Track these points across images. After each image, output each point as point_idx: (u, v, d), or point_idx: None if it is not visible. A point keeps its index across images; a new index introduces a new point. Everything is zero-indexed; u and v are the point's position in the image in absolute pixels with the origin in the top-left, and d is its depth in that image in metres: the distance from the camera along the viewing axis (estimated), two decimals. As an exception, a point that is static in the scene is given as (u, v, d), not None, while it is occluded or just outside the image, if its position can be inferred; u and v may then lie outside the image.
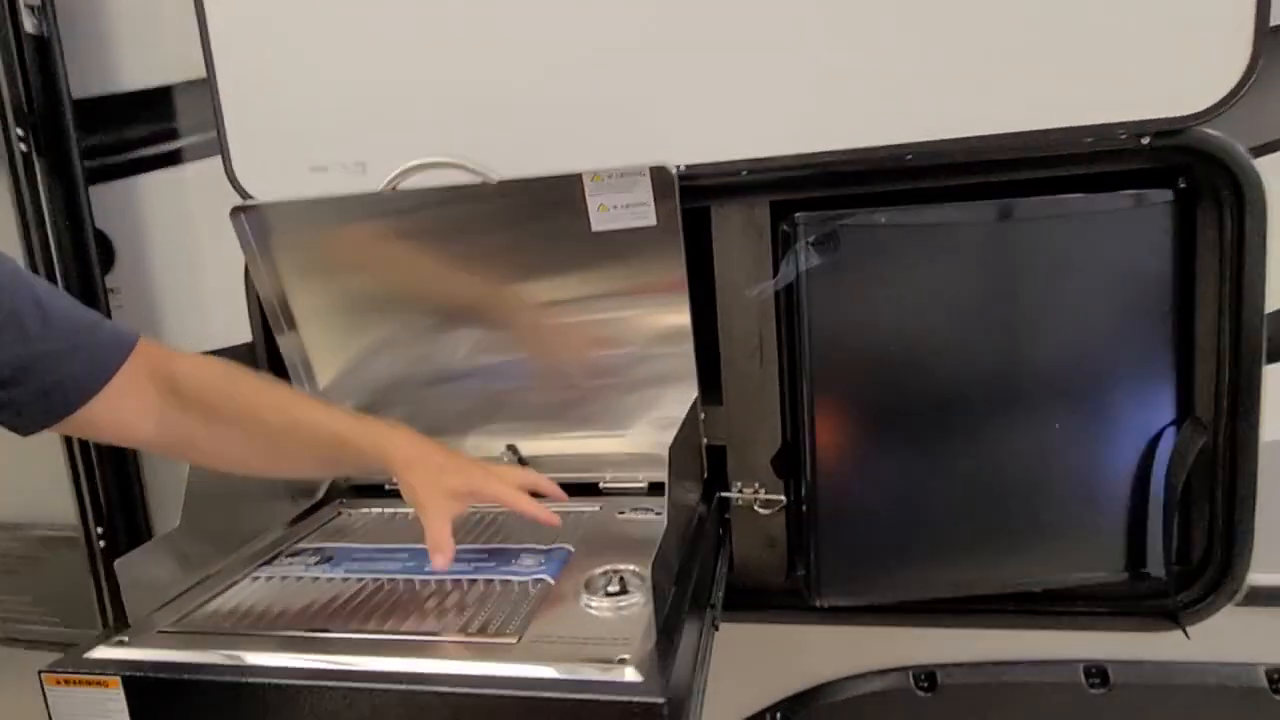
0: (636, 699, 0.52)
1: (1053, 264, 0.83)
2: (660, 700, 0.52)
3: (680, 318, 0.85)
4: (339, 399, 0.99)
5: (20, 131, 0.90)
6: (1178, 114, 0.74)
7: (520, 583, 0.70)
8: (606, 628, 0.61)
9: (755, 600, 0.97)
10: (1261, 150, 0.77)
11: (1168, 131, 0.75)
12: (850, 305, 0.86)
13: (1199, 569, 0.86)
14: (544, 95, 0.85)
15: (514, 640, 0.60)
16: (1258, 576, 0.83)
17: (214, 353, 1.03)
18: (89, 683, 0.61)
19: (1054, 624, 0.89)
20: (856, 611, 0.93)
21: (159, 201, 1.04)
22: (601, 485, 0.95)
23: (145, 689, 0.60)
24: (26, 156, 0.90)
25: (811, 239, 0.83)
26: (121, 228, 1.04)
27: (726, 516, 0.97)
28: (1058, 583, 0.88)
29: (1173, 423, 0.84)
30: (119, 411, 0.62)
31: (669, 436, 0.96)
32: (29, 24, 0.91)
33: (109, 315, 1.01)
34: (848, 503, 0.88)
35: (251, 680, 0.58)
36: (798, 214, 0.85)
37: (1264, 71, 0.73)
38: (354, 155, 0.90)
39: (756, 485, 0.96)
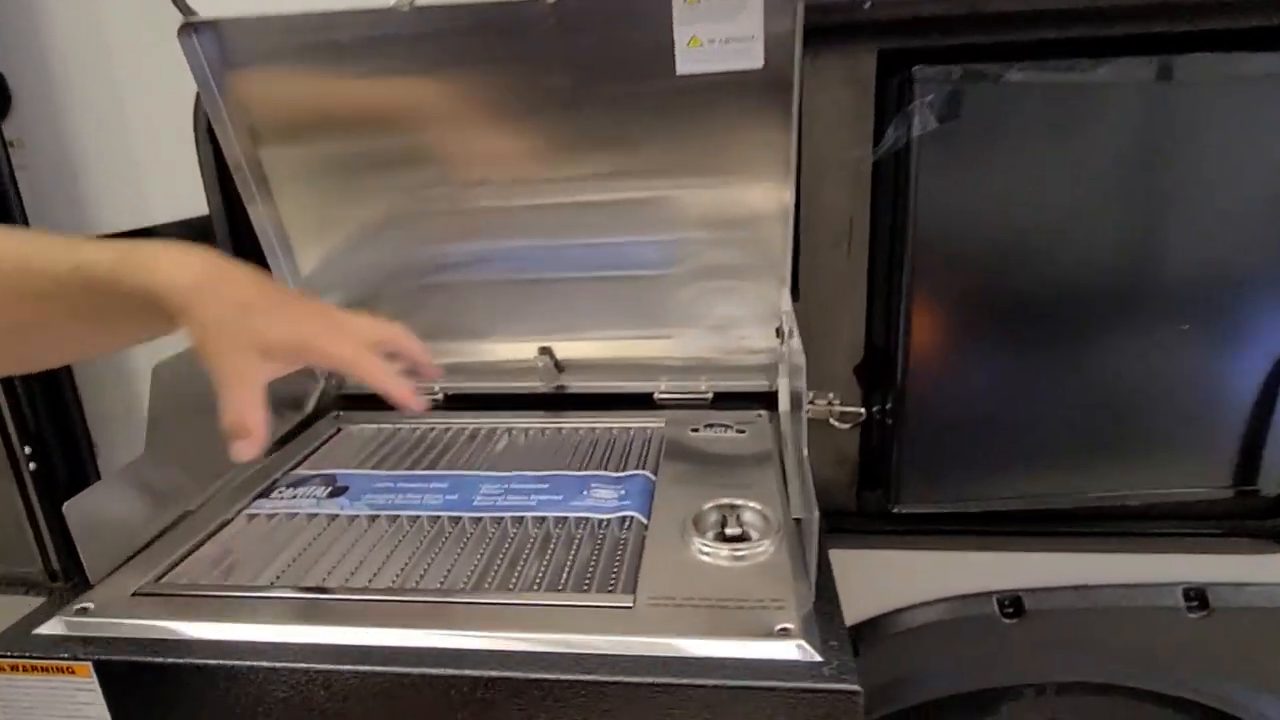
0: (831, 686, 0.39)
1: (1218, 142, 0.69)
2: (856, 689, 0.39)
3: (777, 195, 0.69)
4: (328, 288, 0.80)
5: None
6: None
7: (604, 521, 0.56)
8: (739, 583, 0.48)
9: (830, 522, 0.86)
10: None
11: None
12: (967, 183, 0.71)
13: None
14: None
15: (629, 603, 0.46)
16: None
17: (162, 228, 0.81)
18: (49, 669, 0.45)
19: (1149, 545, 0.81)
20: (933, 534, 0.83)
21: (70, 25, 0.79)
22: (656, 396, 0.80)
23: (126, 676, 0.44)
24: None
25: (929, 98, 0.67)
26: (20, 62, 0.79)
27: (790, 430, 0.85)
28: (1158, 498, 0.80)
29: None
30: None
31: (731, 340, 0.83)
32: None
33: (12, 175, 0.77)
34: (938, 407, 0.77)
35: (266, 665, 0.43)
36: (916, 67, 0.68)
37: None
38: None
39: (831, 396, 0.83)
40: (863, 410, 0.82)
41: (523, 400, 0.82)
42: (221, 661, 0.43)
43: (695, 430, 0.72)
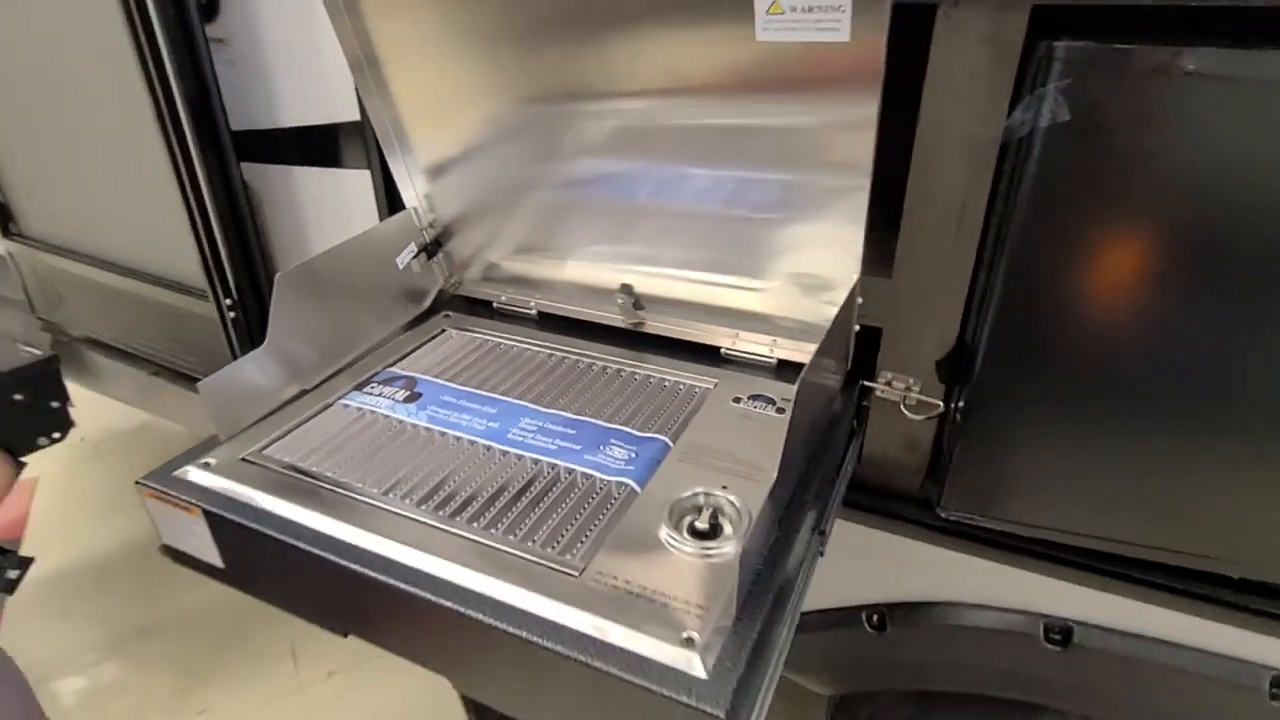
0: (694, 704, 0.43)
1: None
2: (720, 715, 0.43)
3: (860, 155, 0.63)
4: (446, 197, 0.88)
5: None
6: None
7: (603, 483, 0.62)
8: (685, 580, 0.52)
9: (878, 502, 0.85)
10: None
11: None
12: (1095, 188, 0.59)
13: None
14: None
15: (576, 573, 0.52)
16: None
17: (322, 129, 0.92)
18: (177, 504, 0.62)
19: (1245, 621, 0.71)
20: (986, 544, 0.79)
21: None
22: (724, 351, 0.81)
23: (222, 522, 0.60)
24: None
25: (1067, 81, 0.56)
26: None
27: (866, 404, 0.82)
28: (1262, 574, 0.69)
29: None
30: None
31: (815, 302, 0.80)
32: None
33: (214, 72, 0.92)
34: (1011, 418, 0.70)
35: (306, 549, 0.55)
36: (1058, 41, 0.56)
37: None
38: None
39: (910, 381, 0.78)
40: (940, 403, 0.77)
41: (601, 331, 0.87)
42: (271, 532, 0.57)
43: (738, 401, 0.73)
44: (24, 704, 0.71)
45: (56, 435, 1.55)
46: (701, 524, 0.56)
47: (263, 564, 0.60)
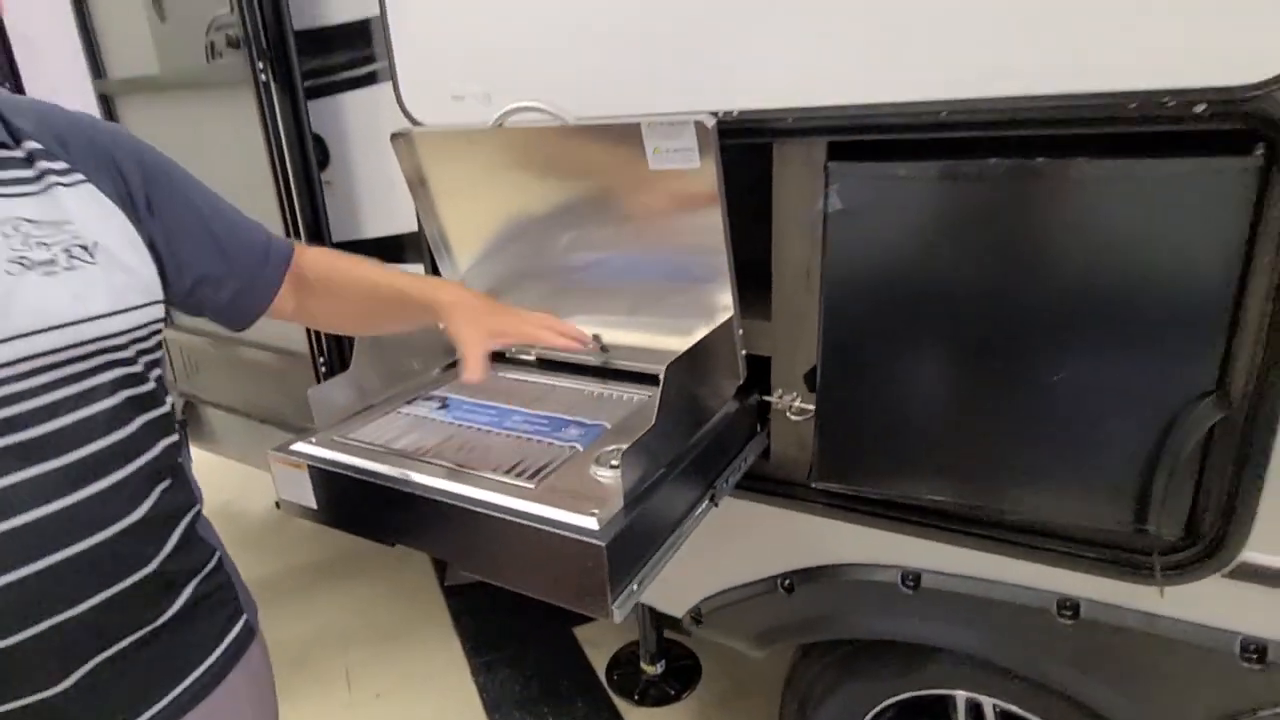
0: (586, 539, 0.74)
1: (1070, 224, 0.83)
2: (600, 544, 0.74)
3: (718, 237, 0.98)
4: (475, 281, 1.27)
5: (260, 64, 1.21)
6: (1235, 83, 0.70)
7: (559, 446, 0.95)
8: (600, 490, 0.84)
9: (784, 489, 1.14)
10: (1352, 122, 0.70)
11: (1231, 100, 0.71)
12: (868, 243, 0.93)
13: (1194, 535, 0.88)
14: (636, 49, 0.98)
15: (531, 486, 0.85)
16: (1249, 554, 0.84)
17: (391, 238, 1.34)
18: (292, 465, 0.97)
19: (1036, 556, 0.96)
20: (863, 514, 1.07)
21: (360, 113, 1.34)
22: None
23: (321, 475, 0.95)
24: (265, 84, 1.22)
25: (836, 186, 0.91)
26: (334, 134, 1.36)
27: (769, 416, 1.13)
28: (1056, 521, 0.95)
29: (1208, 392, 0.84)
30: (275, 306, 0.88)
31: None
32: (264, -25, 1.19)
33: (324, 205, 1.35)
34: (849, 413, 1.01)
35: (372, 481, 0.89)
36: (829, 162, 0.92)
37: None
38: (481, 88, 1.10)
39: (794, 395, 1.10)
40: (811, 408, 1.08)
41: (580, 367, 1.22)
42: (353, 475, 0.91)
43: (662, 403, 1.06)
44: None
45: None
46: (615, 462, 0.88)
47: (340, 500, 0.94)
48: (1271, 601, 0.85)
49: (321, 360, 1.39)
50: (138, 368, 0.73)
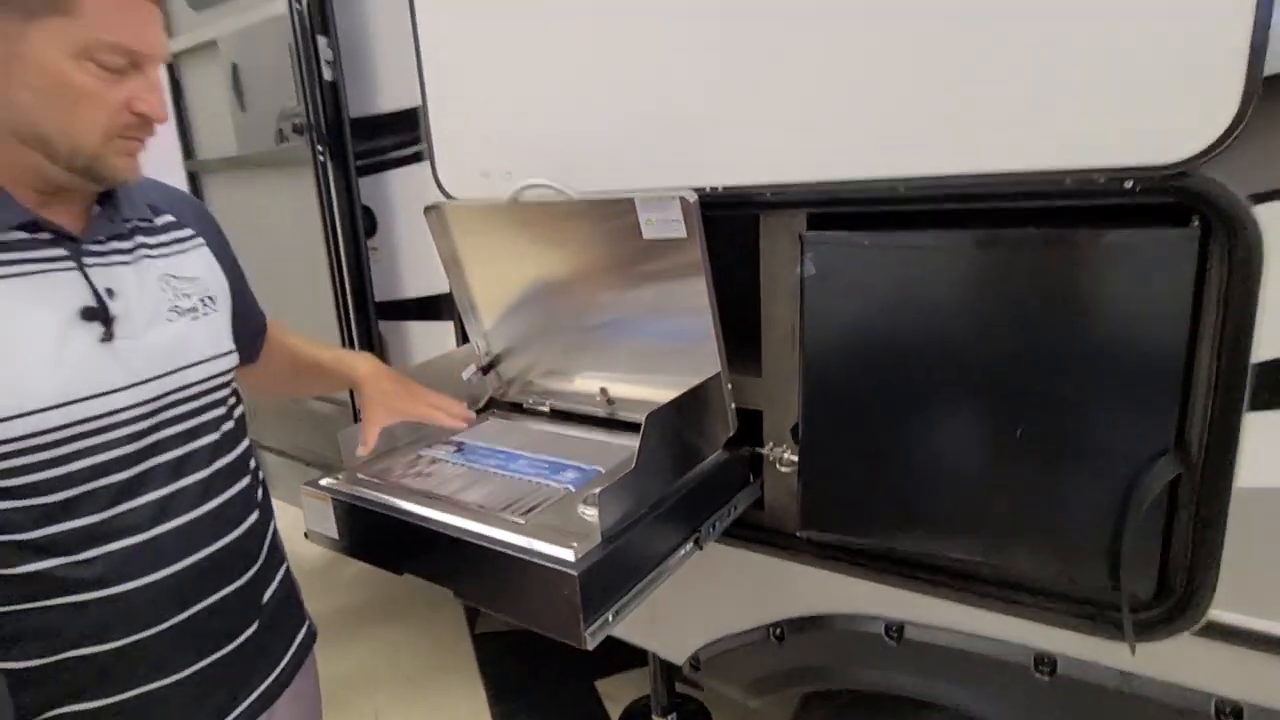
0: (562, 569, 0.82)
1: (1021, 289, 0.89)
2: (574, 573, 0.81)
3: (704, 299, 1.06)
4: (497, 338, 1.39)
5: (320, 147, 1.39)
6: (1158, 161, 0.76)
7: (553, 488, 1.03)
8: (583, 526, 0.91)
9: (775, 539, 1.19)
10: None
11: (1155, 176, 0.77)
12: (840, 305, 1.01)
13: (1165, 593, 0.89)
14: (634, 134, 1.10)
15: (522, 521, 0.93)
16: (1219, 613, 0.85)
17: (427, 298, 1.48)
18: (319, 498, 1.08)
19: (1012, 610, 0.98)
20: (848, 564, 1.10)
21: (408, 187, 1.50)
22: (660, 428, 1.23)
23: (342, 507, 1.05)
24: (323, 163, 1.40)
25: (810, 253, 0.99)
26: (380, 206, 1.53)
27: (761, 467, 1.19)
28: (1030, 575, 0.97)
29: (1164, 452, 0.87)
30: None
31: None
32: (327, 73, 1.38)
33: (369, 268, 1.51)
34: (829, 460, 1.06)
35: (384, 513, 0.99)
36: (804, 233, 1.01)
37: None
38: (504, 166, 1.24)
39: (784, 447, 1.16)
40: (797, 459, 1.14)
41: (588, 418, 1.31)
42: (368, 508, 1.01)
43: (656, 451, 1.13)
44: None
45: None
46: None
47: (357, 531, 1.04)
48: (1243, 662, 0.85)
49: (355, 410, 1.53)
50: (233, 400, 0.91)
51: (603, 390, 1.29)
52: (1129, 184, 0.79)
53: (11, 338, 0.70)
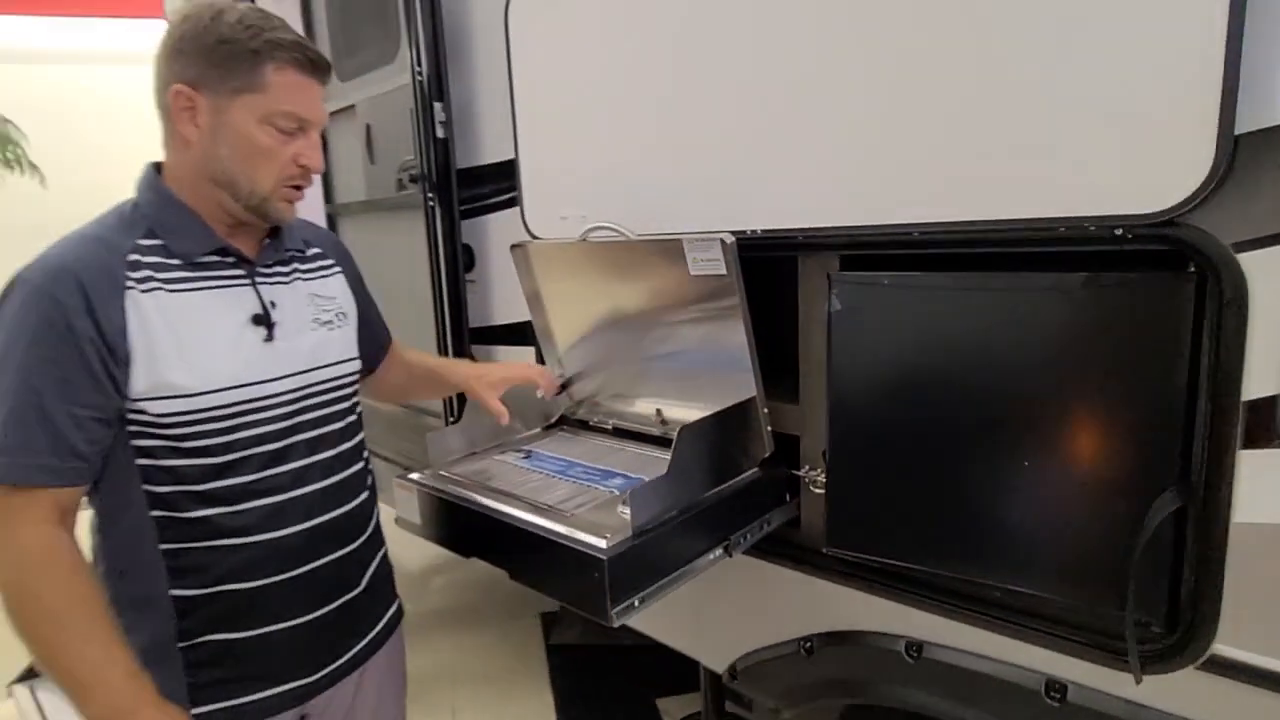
0: (593, 554, 0.96)
1: (1023, 326, 0.96)
2: (602, 558, 0.95)
3: (740, 336, 1.19)
4: (570, 362, 1.56)
5: (430, 194, 1.63)
6: (1142, 211, 0.83)
7: (601, 491, 1.18)
8: (619, 522, 1.05)
9: (808, 556, 1.27)
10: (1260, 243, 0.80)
11: (1141, 225, 0.84)
12: (863, 339, 1.10)
13: (1173, 626, 0.91)
14: (688, 183, 1.26)
15: (569, 515, 1.08)
16: (1223, 648, 0.87)
17: (515, 324, 1.68)
18: (406, 489, 1.27)
19: (1026, 636, 1.02)
20: (874, 583, 1.17)
21: (501, 229, 1.72)
22: (706, 447, 1.34)
23: (427, 498, 1.24)
24: (432, 208, 1.64)
25: (836, 290, 1.10)
26: (479, 244, 1.75)
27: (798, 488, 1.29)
28: (1043, 599, 1.01)
29: (1166, 487, 0.90)
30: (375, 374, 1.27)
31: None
32: (440, 132, 1.63)
33: (466, 298, 1.73)
34: (853, 482, 1.14)
35: (457, 503, 1.17)
36: (832, 273, 1.12)
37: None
38: (579, 211, 1.42)
39: (818, 470, 1.25)
40: (830, 482, 1.22)
41: (644, 436, 1.45)
42: (445, 498, 1.19)
43: (697, 466, 1.25)
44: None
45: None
46: (637, 503, 1.09)
47: (438, 518, 1.22)
48: (1247, 699, 0.86)
49: (451, 419, 1.73)
50: (355, 399, 1.13)
51: (658, 411, 1.43)
52: (1119, 231, 0.86)
53: (204, 334, 0.93)
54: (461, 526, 1.18)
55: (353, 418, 1.11)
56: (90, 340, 0.87)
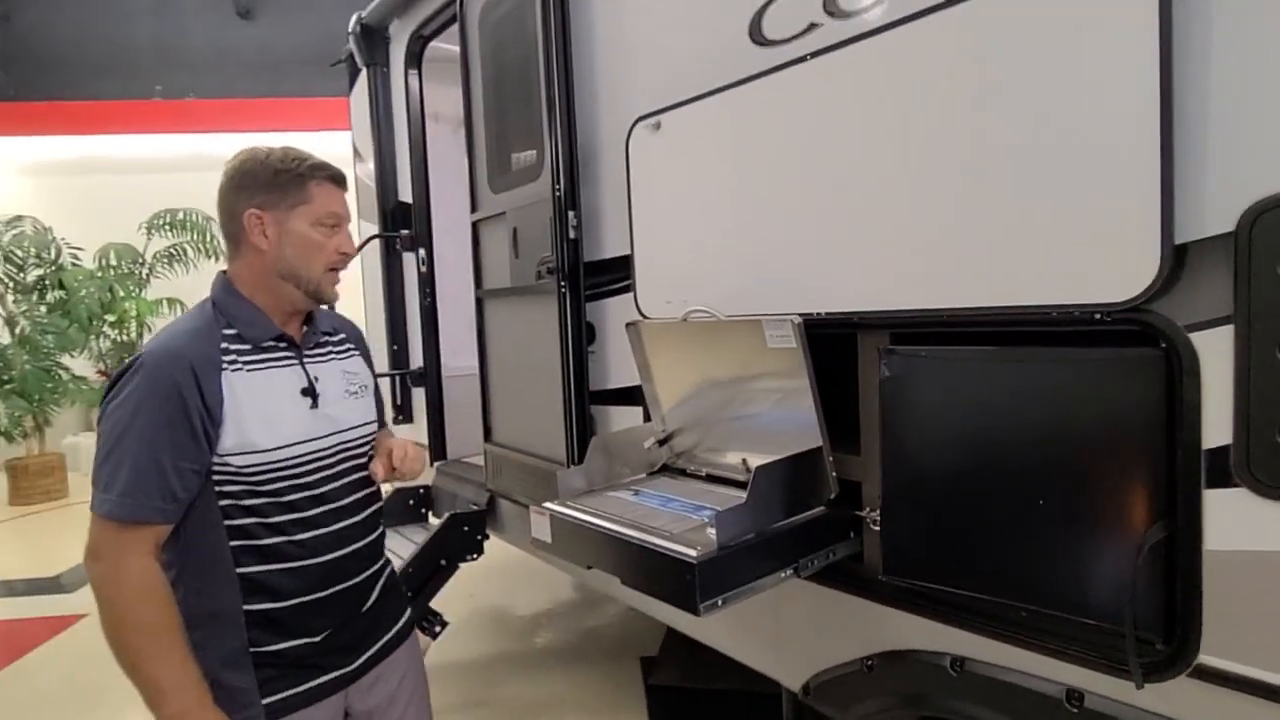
0: (685, 559, 1.25)
1: (1036, 389, 1.19)
2: (694, 562, 1.24)
3: (808, 400, 1.47)
4: (672, 419, 1.88)
5: (562, 283, 2.03)
6: (1110, 300, 1.08)
7: (693, 519, 1.47)
8: (706, 540, 1.33)
9: (869, 585, 1.50)
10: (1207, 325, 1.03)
11: (1112, 312, 1.09)
12: (908, 402, 1.36)
13: (1169, 642, 1.10)
14: (767, 275, 1.59)
15: (670, 533, 1.38)
16: (1208, 658, 1.04)
17: (627, 388, 2.03)
18: (540, 514, 1.61)
19: (1049, 650, 1.21)
20: (924, 608, 1.39)
21: (618, 310, 2.10)
22: (783, 490, 1.62)
23: (554, 521, 1.57)
24: (563, 294, 2.04)
25: (885, 361, 1.38)
26: (599, 322, 2.14)
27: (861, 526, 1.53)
28: (1068, 617, 1.21)
29: (1154, 521, 1.10)
30: None
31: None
32: (571, 234, 2.04)
33: (588, 367, 2.11)
34: (902, 520, 1.38)
35: (580, 524, 1.49)
36: (882, 346, 1.40)
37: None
38: (681, 297, 1.77)
39: (876, 511, 1.49)
40: (887, 521, 1.46)
41: (732, 481, 1.73)
42: (571, 521, 1.52)
43: (774, 504, 1.53)
44: None
45: (473, 556, 2.72)
46: (722, 527, 1.37)
47: (563, 537, 1.55)
48: (1236, 706, 1.03)
49: (573, 464, 2.08)
50: (372, 451, 1.46)
51: (744, 460, 1.72)
52: (1098, 315, 1.10)
53: (272, 403, 1.29)
54: (582, 544, 1.50)
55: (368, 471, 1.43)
56: (197, 409, 1.18)
